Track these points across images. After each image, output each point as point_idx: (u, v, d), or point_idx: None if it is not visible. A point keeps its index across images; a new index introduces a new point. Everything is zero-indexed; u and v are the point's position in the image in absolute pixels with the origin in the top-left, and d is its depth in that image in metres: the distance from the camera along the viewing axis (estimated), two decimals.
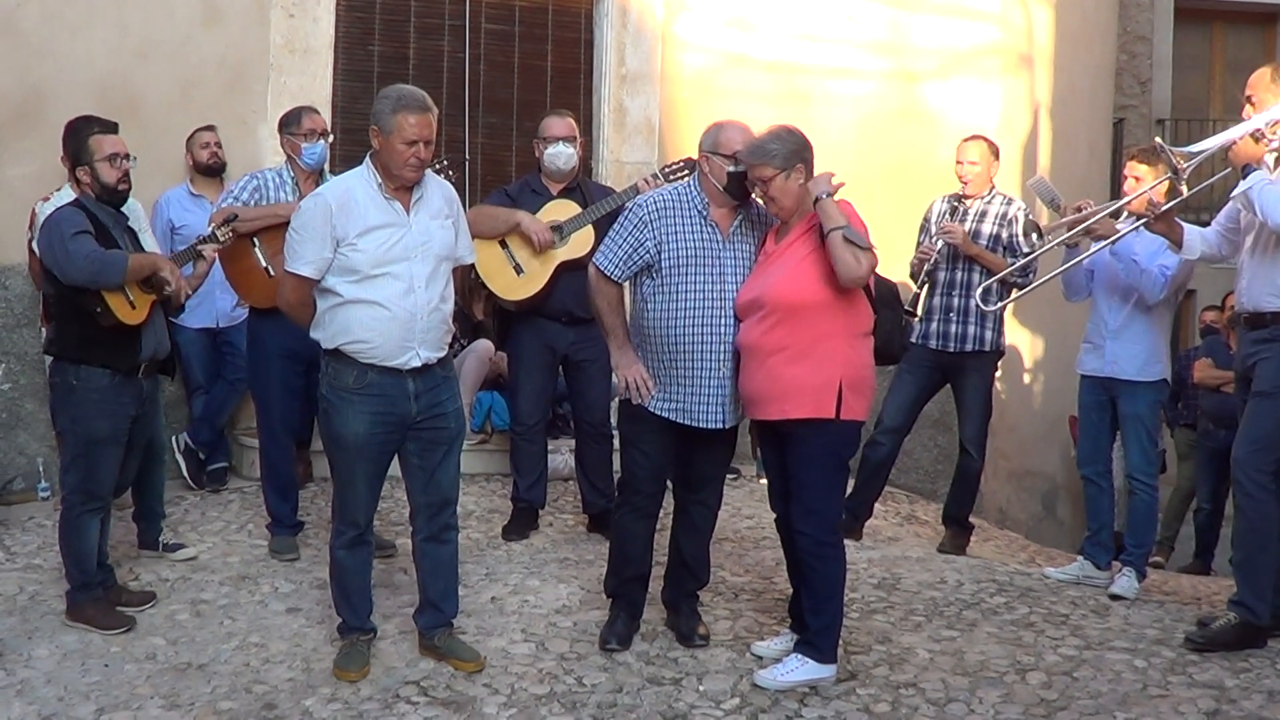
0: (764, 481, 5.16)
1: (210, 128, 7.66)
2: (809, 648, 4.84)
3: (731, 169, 4.94)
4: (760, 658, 5.06)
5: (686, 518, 5.31)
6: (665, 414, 5.04)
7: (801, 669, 4.81)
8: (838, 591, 4.88)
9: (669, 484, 5.33)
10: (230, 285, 6.47)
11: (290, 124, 6.32)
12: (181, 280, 5.64)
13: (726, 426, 5.08)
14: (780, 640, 5.12)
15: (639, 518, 5.23)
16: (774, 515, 5.20)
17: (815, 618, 4.84)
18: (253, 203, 6.18)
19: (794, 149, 4.79)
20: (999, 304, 6.62)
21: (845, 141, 8.96)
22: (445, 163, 6.56)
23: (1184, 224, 5.63)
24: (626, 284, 5.14)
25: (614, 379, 6.89)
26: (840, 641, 5.08)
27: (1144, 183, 6.14)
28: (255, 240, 6.16)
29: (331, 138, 6.49)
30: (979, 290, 6.52)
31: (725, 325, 4.94)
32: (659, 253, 4.97)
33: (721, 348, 4.95)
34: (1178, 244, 5.59)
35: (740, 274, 4.98)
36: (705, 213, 5.02)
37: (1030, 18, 10.01)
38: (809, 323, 4.72)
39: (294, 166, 6.31)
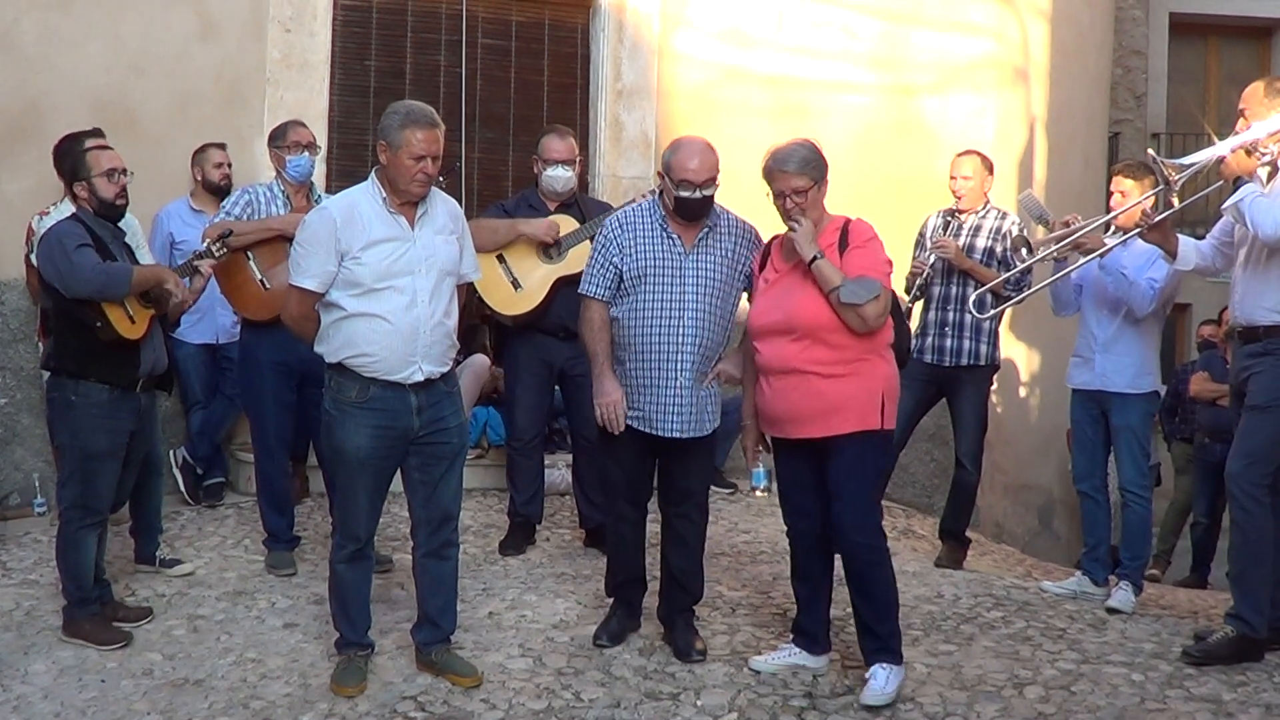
0: (760, 494, 5.16)
1: (222, 146, 7.65)
2: (887, 654, 4.83)
3: (681, 194, 5.04)
4: (758, 672, 5.05)
5: (671, 531, 5.35)
6: (629, 422, 5.14)
7: (894, 676, 4.81)
8: (895, 593, 4.92)
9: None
10: (225, 299, 6.47)
11: (277, 138, 6.37)
12: (185, 290, 5.67)
13: (686, 436, 5.13)
14: (779, 654, 5.12)
15: (626, 525, 5.36)
16: (786, 530, 5.14)
17: (882, 623, 4.84)
18: (245, 217, 6.18)
19: (822, 163, 4.86)
20: (993, 312, 6.64)
21: (842, 155, 8.88)
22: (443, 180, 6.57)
23: (1179, 235, 5.65)
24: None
25: None
26: (837, 656, 5.13)
27: (1130, 197, 6.18)
28: (249, 254, 6.16)
29: (320, 151, 6.49)
30: (972, 299, 6.56)
31: (684, 335, 5.04)
32: (623, 266, 5.09)
33: (680, 357, 5.05)
34: (1172, 254, 5.61)
35: (702, 285, 5.08)
36: (666, 226, 5.13)
37: (1026, 32, 10.04)
38: (847, 340, 4.75)
39: (283, 180, 6.33)
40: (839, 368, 4.75)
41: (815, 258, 4.76)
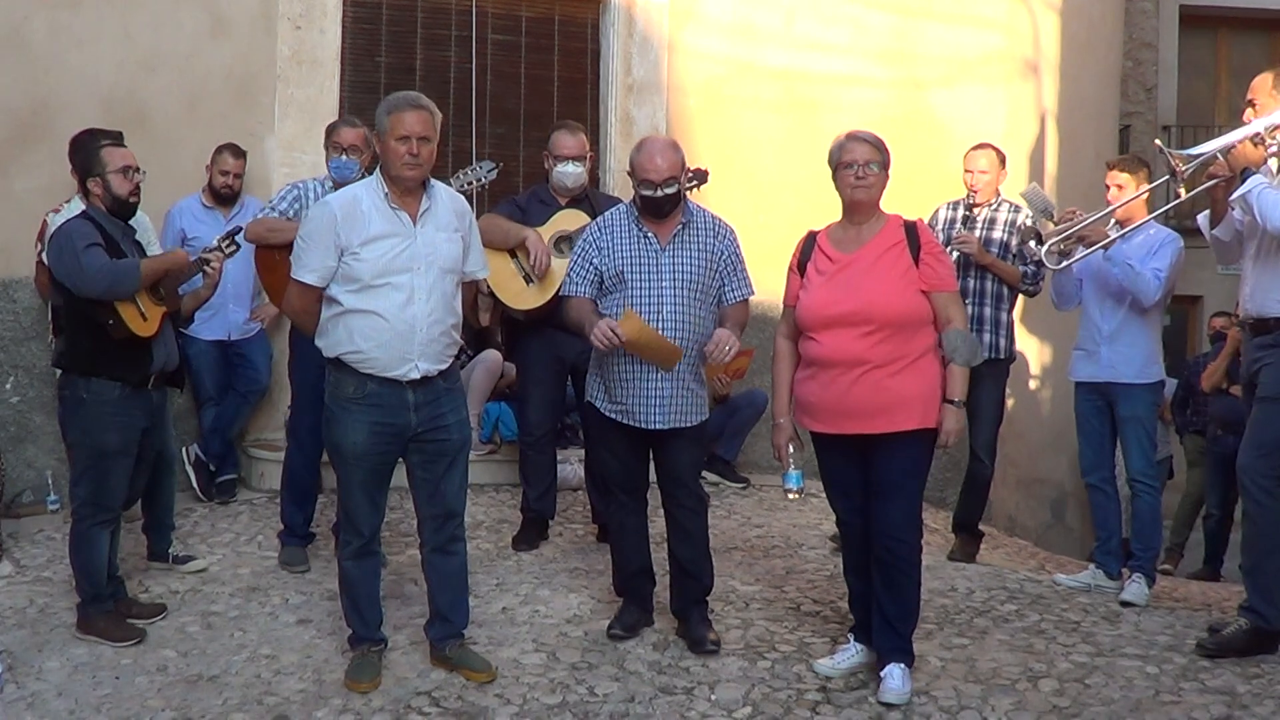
0: (792, 496, 5.08)
1: (240, 154, 7.62)
2: (904, 653, 4.84)
3: (644, 193, 5.15)
4: (829, 678, 4.98)
5: (672, 522, 5.37)
6: (612, 415, 5.23)
7: (908, 675, 4.81)
8: (920, 594, 4.95)
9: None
10: (268, 295, 6.48)
11: (330, 133, 6.34)
12: (190, 263, 5.70)
13: (669, 428, 5.16)
14: (843, 655, 5.07)
15: (626, 514, 5.40)
16: (838, 524, 5.17)
17: (906, 623, 4.85)
18: (292, 213, 6.13)
19: (889, 162, 4.97)
20: (1067, 263, 6.37)
21: None
22: (482, 182, 6.57)
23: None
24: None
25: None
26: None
27: (1125, 190, 6.27)
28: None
29: (364, 153, 6.30)
30: (1043, 250, 6.30)
31: (663, 329, 5.09)
32: (602, 266, 5.20)
33: None
34: (1220, 216, 5.55)
35: (679, 280, 5.16)
36: (641, 225, 5.21)
37: (1036, 25, 10.03)
38: (914, 336, 4.78)
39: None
40: (902, 363, 4.75)
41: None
